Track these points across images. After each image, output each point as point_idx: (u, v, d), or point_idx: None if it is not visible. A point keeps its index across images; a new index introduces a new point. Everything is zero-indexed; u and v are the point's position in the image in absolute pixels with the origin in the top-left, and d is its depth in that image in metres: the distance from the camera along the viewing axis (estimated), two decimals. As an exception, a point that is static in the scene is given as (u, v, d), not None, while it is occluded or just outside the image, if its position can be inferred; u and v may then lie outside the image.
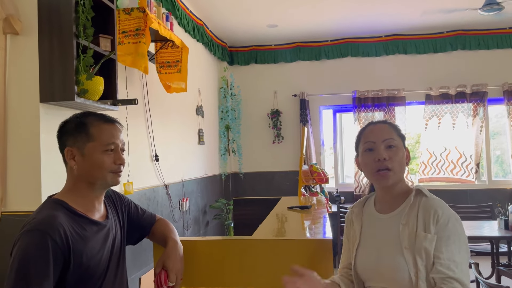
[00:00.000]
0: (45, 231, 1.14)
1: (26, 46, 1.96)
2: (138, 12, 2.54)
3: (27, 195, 1.93)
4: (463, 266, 1.20)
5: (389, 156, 1.30)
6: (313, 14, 4.70)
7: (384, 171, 1.30)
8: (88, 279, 1.24)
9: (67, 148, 1.29)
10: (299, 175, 3.11)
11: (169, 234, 1.46)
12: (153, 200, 3.25)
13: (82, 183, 1.30)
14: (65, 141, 1.30)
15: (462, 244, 1.22)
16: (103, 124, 1.32)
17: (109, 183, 1.32)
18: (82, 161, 1.28)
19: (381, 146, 1.32)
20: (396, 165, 1.30)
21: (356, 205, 1.47)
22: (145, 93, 3.16)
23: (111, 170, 1.30)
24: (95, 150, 1.28)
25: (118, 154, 1.32)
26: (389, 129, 1.36)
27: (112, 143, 1.31)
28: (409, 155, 1.38)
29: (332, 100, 5.68)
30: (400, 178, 1.34)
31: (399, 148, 1.33)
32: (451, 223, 1.23)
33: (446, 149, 5.37)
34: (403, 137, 1.38)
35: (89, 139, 1.29)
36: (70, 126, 1.31)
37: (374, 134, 1.34)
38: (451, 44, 5.36)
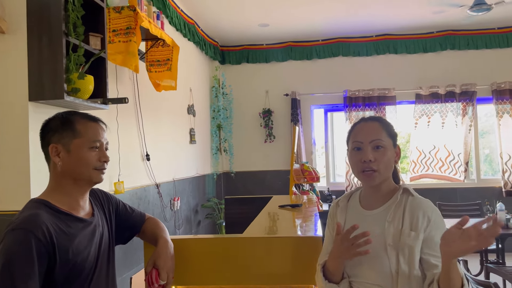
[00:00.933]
0: (27, 229, 1.14)
1: (15, 45, 1.94)
2: (128, 11, 2.53)
3: (16, 194, 1.91)
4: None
5: (375, 158, 1.30)
6: (305, 14, 4.72)
7: (369, 171, 1.31)
8: (77, 275, 1.24)
9: (52, 145, 1.29)
10: (291, 174, 3.12)
11: (160, 233, 1.46)
12: (144, 199, 3.24)
13: (66, 180, 1.30)
14: (50, 138, 1.30)
15: None
16: (88, 122, 1.34)
17: (93, 180, 1.33)
18: (67, 158, 1.29)
19: (368, 147, 1.32)
20: (382, 167, 1.31)
21: (342, 199, 1.48)
22: (135, 92, 3.14)
23: (96, 167, 1.32)
24: (81, 147, 1.29)
25: (103, 152, 1.34)
26: (379, 129, 1.35)
27: (98, 140, 1.33)
28: (399, 154, 1.38)
29: (323, 100, 5.71)
30: (387, 177, 1.35)
31: (387, 148, 1.32)
32: (442, 223, 1.27)
33: (435, 147, 5.42)
34: (394, 135, 1.38)
35: (75, 136, 1.29)
36: (55, 123, 1.32)
37: (363, 133, 1.34)
38: (441, 44, 5.42)
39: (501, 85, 5.30)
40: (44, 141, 1.32)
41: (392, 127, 1.39)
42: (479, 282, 2.38)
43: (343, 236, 1.24)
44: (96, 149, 1.32)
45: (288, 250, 1.53)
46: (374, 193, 1.37)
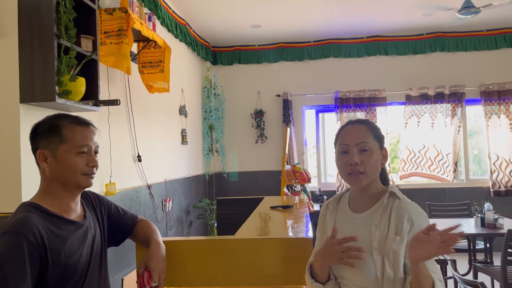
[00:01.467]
0: (19, 232, 1.15)
1: (6, 47, 1.93)
2: (120, 13, 2.53)
3: (7, 197, 1.91)
4: (437, 266, 1.25)
5: (361, 160, 1.32)
6: (296, 15, 4.74)
7: (356, 174, 1.32)
8: (69, 277, 1.25)
9: (39, 151, 1.29)
10: (282, 175, 3.14)
11: (152, 235, 1.47)
12: (135, 200, 3.24)
13: (55, 184, 1.30)
14: (38, 143, 1.30)
15: None
16: (76, 126, 1.32)
17: (81, 185, 1.32)
18: (54, 163, 1.28)
19: (355, 150, 1.33)
20: (368, 169, 1.32)
21: (331, 201, 1.48)
22: (127, 93, 3.14)
23: (84, 172, 1.30)
24: (68, 152, 1.28)
25: (91, 157, 1.32)
26: (365, 132, 1.36)
27: (86, 145, 1.31)
28: (386, 156, 1.39)
29: (314, 100, 5.74)
30: (373, 179, 1.36)
31: (373, 151, 1.33)
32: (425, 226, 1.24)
33: (424, 146, 5.49)
34: (381, 138, 1.38)
35: (62, 141, 1.28)
36: (42, 128, 1.31)
37: (349, 137, 1.36)
38: (431, 46, 5.48)
39: (489, 87, 5.38)
40: (33, 146, 1.32)
41: (378, 130, 1.40)
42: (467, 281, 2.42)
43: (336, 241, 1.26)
44: (83, 154, 1.31)
45: (279, 251, 1.55)
46: (362, 195, 1.38)
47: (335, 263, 1.28)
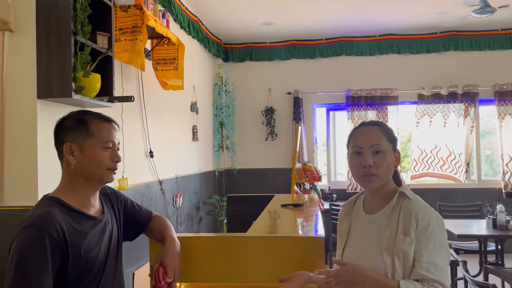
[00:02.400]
0: (41, 226, 1.17)
1: (24, 43, 1.96)
2: (135, 10, 2.55)
3: (24, 190, 1.94)
4: (443, 268, 1.23)
5: (375, 163, 1.32)
6: (309, 13, 4.73)
7: (369, 176, 1.33)
8: (88, 272, 1.27)
9: (66, 144, 1.31)
10: (293, 173, 3.15)
11: (167, 231, 1.49)
12: (147, 196, 3.28)
13: (78, 178, 1.32)
14: (64, 136, 1.32)
15: (443, 247, 1.25)
16: (102, 122, 1.36)
17: (104, 180, 1.35)
18: (81, 157, 1.31)
19: (368, 152, 1.33)
20: (381, 171, 1.32)
21: (347, 204, 1.51)
22: (140, 90, 3.17)
23: (108, 167, 1.34)
24: (95, 146, 1.32)
25: (115, 152, 1.36)
26: (378, 133, 1.35)
27: (111, 141, 1.35)
28: (399, 158, 1.39)
29: (325, 99, 5.73)
30: (386, 181, 1.36)
31: (386, 153, 1.33)
32: (432, 226, 1.25)
33: (436, 146, 5.45)
34: (394, 140, 1.38)
35: (89, 136, 1.32)
36: (69, 122, 1.34)
37: (363, 138, 1.36)
38: (444, 45, 5.43)
39: (503, 87, 5.31)
40: (58, 139, 1.34)
41: (392, 131, 1.40)
42: (477, 283, 2.41)
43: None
44: (108, 149, 1.35)
45: (289, 250, 1.56)
46: (375, 196, 1.39)
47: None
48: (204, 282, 1.61)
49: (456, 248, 4.08)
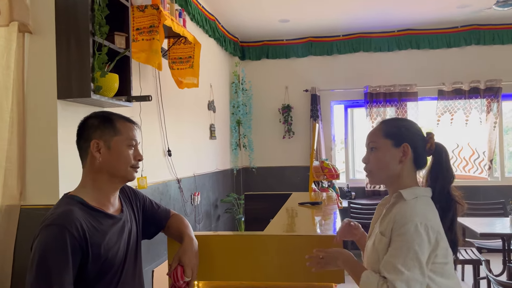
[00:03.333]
0: (62, 225, 1.19)
1: (44, 45, 2.00)
2: (152, 9, 2.57)
3: (45, 189, 1.98)
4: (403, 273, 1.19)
5: (368, 160, 1.39)
6: (325, 9, 4.69)
7: (366, 172, 1.42)
8: (108, 270, 1.29)
9: (94, 141, 1.33)
10: (310, 171, 3.13)
11: (185, 230, 1.50)
12: (165, 194, 3.30)
13: (102, 176, 1.34)
14: (91, 134, 1.34)
15: (411, 253, 1.20)
16: (126, 122, 1.40)
17: (127, 178, 1.39)
18: (107, 154, 1.34)
19: (367, 150, 1.41)
20: (374, 167, 1.38)
21: (385, 198, 1.50)
22: (158, 89, 3.20)
23: (132, 165, 1.38)
24: (121, 144, 1.36)
25: (138, 151, 1.41)
26: (377, 131, 1.39)
27: (134, 139, 1.40)
28: (407, 152, 1.34)
29: (343, 95, 5.67)
30: (387, 177, 1.37)
31: (379, 149, 1.37)
32: (405, 229, 1.22)
33: (458, 145, 5.33)
34: (396, 134, 1.36)
35: (116, 133, 1.36)
36: (95, 121, 1.36)
37: (367, 137, 1.43)
38: (465, 39, 5.31)
39: (527, 81, 5.16)
40: (82, 138, 1.36)
41: (396, 126, 1.38)
42: (501, 283, 2.35)
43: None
44: (132, 148, 1.39)
45: (308, 248, 1.54)
46: (389, 193, 1.43)
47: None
48: (222, 280, 1.61)
49: (479, 247, 4.00)
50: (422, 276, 1.20)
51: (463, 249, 3.81)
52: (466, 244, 4.11)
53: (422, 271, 1.20)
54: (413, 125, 1.41)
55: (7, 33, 1.89)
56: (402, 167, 1.35)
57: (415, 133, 1.38)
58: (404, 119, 1.46)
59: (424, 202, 1.31)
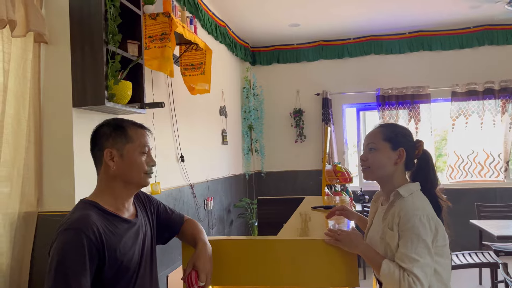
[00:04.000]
0: (79, 229, 1.21)
1: (59, 54, 2.04)
2: (163, 17, 2.61)
3: (61, 196, 2.01)
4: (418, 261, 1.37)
5: (367, 157, 1.58)
6: (335, 13, 4.69)
7: (364, 168, 1.60)
8: (123, 274, 1.30)
9: (107, 150, 1.35)
10: (323, 175, 3.12)
11: (199, 235, 1.51)
12: (179, 199, 3.33)
13: (117, 183, 1.36)
14: (104, 142, 1.36)
15: (420, 242, 1.39)
16: (138, 129, 1.41)
17: (141, 184, 1.40)
18: (120, 162, 1.35)
19: (366, 149, 1.61)
20: (373, 165, 1.56)
21: (378, 192, 1.72)
22: (170, 95, 3.23)
23: (146, 171, 1.39)
24: (133, 151, 1.37)
25: (150, 157, 1.42)
26: (377, 134, 1.58)
27: (147, 146, 1.41)
28: (402, 156, 1.55)
29: (355, 99, 5.65)
30: (382, 175, 1.57)
31: (379, 150, 1.56)
32: (411, 223, 1.41)
33: (473, 151, 5.26)
34: (394, 139, 1.55)
35: (128, 141, 1.37)
36: (107, 129, 1.38)
37: (365, 139, 1.63)
38: (478, 40, 5.25)
39: (543, 81, 5.08)
40: (96, 146, 1.38)
41: (394, 132, 1.57)
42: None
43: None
44: (145, 154, 1.40)
45: (322, 253, 1.54)
46: (383, 191, 1.62)
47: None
48: (236, 285, 1.62)
49: (496, 250, 3.93)
50: (432, 261, 1.40)
51: (480, 252, 3.75)
52: (484, 247, 4.05)
53: (431, 256, 1.40)
54: (408, 132, 1.61)
55: (23, 44, 1.94)
56: (395, 168, 1.55)
57: (409, 140, 1.58)
58: (401, 126, 1.64)
59: (419, 196, 1.51)
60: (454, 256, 3.67)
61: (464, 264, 3.51)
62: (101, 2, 1.99)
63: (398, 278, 1.37)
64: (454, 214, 5.45)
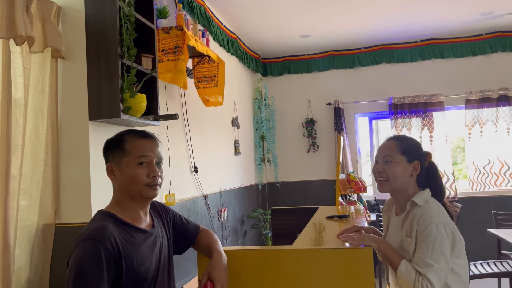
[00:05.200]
0: (97, 239, 1.22)
1: (76, 69, 2.09)
2: (176, 31, 2.65)
3: (78, 208, 2.04)
4: (433, 266, 1.45)
5: (384, 169, 1.63)
6: (346, 22, 4.71)
7: (381, 180, 1.65)
8: (141, 284, 1.31)
9: (107, 165, 1.38)
10: (337, 184, 3.11)
11: (214, 245, 1.51)
12: (193, 210, 3.34)
13: (124, 196, 1.37)
14: (107, 157, 1.40)
15: (436, 248, 1.47)
16: (138, 139, 1.38)
17: (145, 196, 1.36)
18: (120, 176, 1.36)
19: (381, 161, 1.66)
20: (391, 177, 1.62)
21: (387, 202, 1.82)
22: (183, 108, 3.27)
23: (146, 183, 1.35)
24: (129, 164, 1.35)
25: (152, 167, 1.36)
26: (393, 146, 1.64)
27: (144, 155, 1.36)
28: (417, 168, 1.62)
29: (367, 108, 5.63)
30: (399, 187, 1.63)
31: (396, 162, 1.62)
32: (429, 230, 1.48)
33: (490, 161, 5.19)
34: (410, 152, 1.62)
35: (124, 154, 1.36)
36: (110, 143, 1.40)
37: (380, 151, 1.69)
38: (491, 46, 5.21)
39: (559, 87, 5.00)
40: (105, 160, 1.42)
41: (409, 146, 1.64)
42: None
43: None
44: (144, 165, 1.36)
45: (337, 262, 1.53)
46: (397, 200, 1.70)
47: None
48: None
49: (515, 259, 3.84)
50: (447, 266, 1.47)
51: (499, 261, 3.67)
52: (502, 256, 3.97)
53: (447, 261, 1.47)
54: (419, 144, 1.71)
55: (41, 59, 1.99)
56: (410, 179, 1.63)
57: (421, 152, 1.67)
58: (412, 138, 1.73)
59: (435, 203, 1.58)
60: (472, 266, 3.60)
61: (483, 274, 3.45)
62: (116, 17, 2.04)
63: (413, 280, 1.46)
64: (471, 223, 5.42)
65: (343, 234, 1.72)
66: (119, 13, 2.05)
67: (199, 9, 3.57)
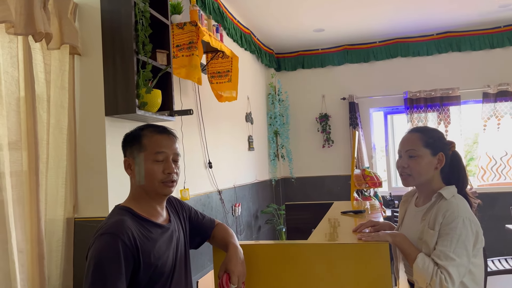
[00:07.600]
0: (115, 233, 1.24)
1: (92, 65, 2.11)
2: (190, 26, 2.66)
3: (96, 202, 2.07)
4: (454, 260, 1.42)
5: (408, 165, 1.59)
6: (360, 16, 4.65)
7: (405, 175, 1.61)
8: (158, 279, 1.32)
9: (125, 159, 1.39)
10: (351, 180, 3.09)
11: (230, 239, 1.52)
12: (207, 205, 3.36)
13: (140, 190, 1.38)
14: (125, 151, 1.41)
15: (460, 243, 1.44)
16: (155, 135, 1.38)
17: (160, 193, 1.37)
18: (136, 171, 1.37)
19: (405, 156, 1.60)
20: (415, 172, 1.58)
21: (407, 194, 1.79)
22: (198, 103, 3.28)
23: (161, 180, 1.35)
24: (146, 160, 1.35)
25: (167, 164, 1.35)
26: (416, 140, 1.59)
27: (162, 152, 1.35)
28: (442, 160, 1.58)
29: (382, 102, 5.58)
30: (424, 181, 1.59)
31: (420, 157, 1.57)
32: (455, 224, 1.45)
33: (507, 153, 5.09)
34: (433, 144, 1.57)
35: (141, 149, 1.36)
36: (128, 138, 1.41)
37: (402, 144, 1.63)
38: (509, 39, 5.10)
39: None
40: (123, 154, 1.43)
41: (432, 138, 1.59)
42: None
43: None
44: (160, 162, 1.35)
45: (352, 257, 1.52)
46: (421, 193, 1.67)
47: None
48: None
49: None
50: (468, 262, 1.45)
51: (511, 258, 3.61)
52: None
53: (468, 257, 1.45)
54: (442, 135, 1.65)
55: (60, 55, 2.01)
56: (435, 172, 1.59)
57: (445, 143, 1.61)
58: (435, 129, 1.68)
59: (462, 199, 1.54)
60: (490, 262, 3.55)
61: (501, 270, 3.39)
62: (131, 14, 2.05)
63: (431, 273, 1.42)
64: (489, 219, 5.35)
65: (358, 229, 1.70)
66: (134, 9, 2.06)
67: (212, 5, 3.58)
